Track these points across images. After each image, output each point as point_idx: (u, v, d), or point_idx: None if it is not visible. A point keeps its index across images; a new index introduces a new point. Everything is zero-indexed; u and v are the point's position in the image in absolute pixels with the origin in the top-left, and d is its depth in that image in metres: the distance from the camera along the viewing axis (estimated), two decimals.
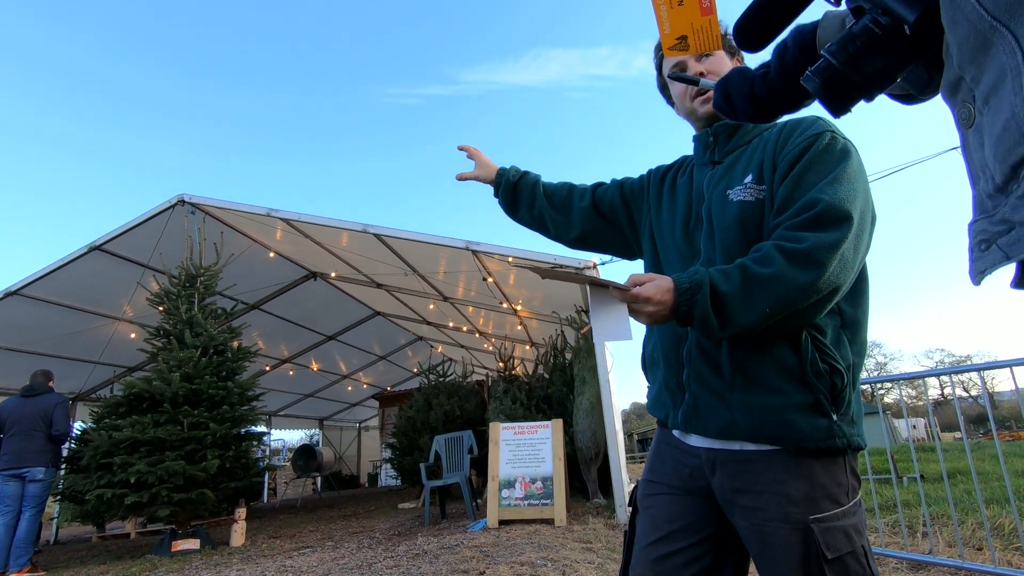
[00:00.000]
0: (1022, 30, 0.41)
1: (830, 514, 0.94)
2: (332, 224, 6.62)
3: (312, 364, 12.42)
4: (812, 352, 0.97)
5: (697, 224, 1.14)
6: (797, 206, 0.97)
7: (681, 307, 0.92)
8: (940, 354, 41.00)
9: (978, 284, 0.49)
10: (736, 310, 0.92)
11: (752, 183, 1.06)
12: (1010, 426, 28.92)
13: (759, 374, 0.98)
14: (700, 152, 1.23)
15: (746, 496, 0.99)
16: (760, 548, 0.97)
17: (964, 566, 2.78)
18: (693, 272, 0.95)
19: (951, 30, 0.48)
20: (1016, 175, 0.43)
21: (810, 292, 0.91)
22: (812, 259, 0.90)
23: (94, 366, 8.89)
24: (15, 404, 5.25)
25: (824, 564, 0.91)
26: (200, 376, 5.68)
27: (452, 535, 4.65)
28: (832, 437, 0.95)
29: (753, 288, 0.91)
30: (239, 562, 4.59)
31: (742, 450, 1.01)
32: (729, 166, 1.13)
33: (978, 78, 0.46)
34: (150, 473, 5.01)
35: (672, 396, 1.11)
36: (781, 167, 1.03)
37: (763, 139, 1.12)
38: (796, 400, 0.96)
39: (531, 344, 11.63)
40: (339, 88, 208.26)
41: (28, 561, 5.00)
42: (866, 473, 4.01)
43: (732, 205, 1.06)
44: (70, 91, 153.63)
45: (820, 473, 0.96)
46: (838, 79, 0.59)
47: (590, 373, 6.03)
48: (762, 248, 0.95)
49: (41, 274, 6.96)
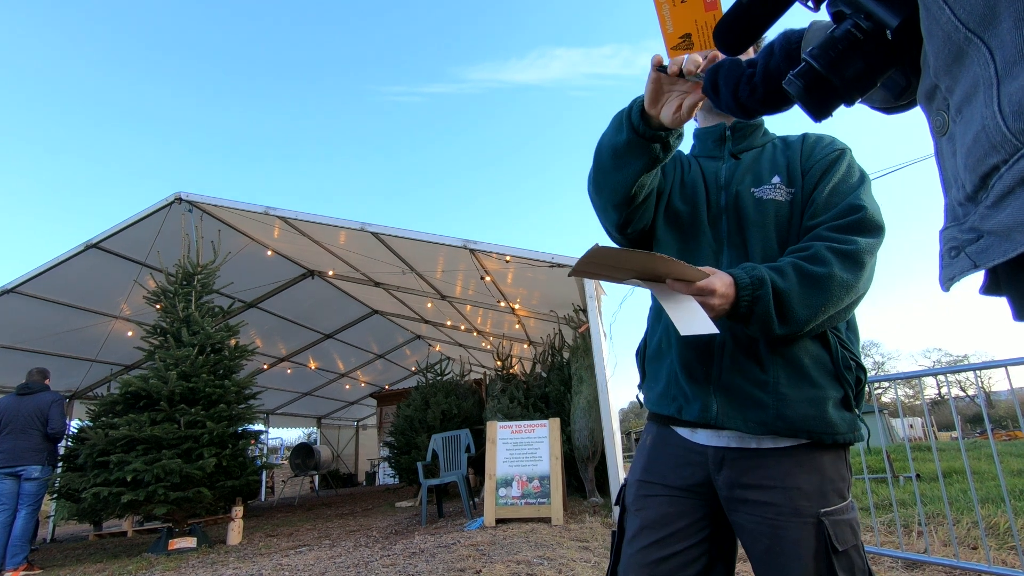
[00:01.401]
0: (995, 42, 0.41)
1: (838, 507, 0.97)
2: (330, 222, 6.61)
3: (310, 362, 12.41)
4: (839, 350, 1.02)
5: (718, 215, 1.14)
6: (839, 209, 1.02)
7: (742, 303, 0.93)
8: (937, 353, 41.06)
9: (947, 291, 0.50)
10: (795, 307, 0.94)
11: (781, 184, 1.10)
12: (1007, 425, 29.02)
13: (801, 368, 1.01)
14: (710, 145, 1.23)
15: (755, 491, 0.99)
16: (769, 543, 0.97)
17: (959, 565, 2.79)
18: (751, 268, 0.96)
19: (928, 39, 0.48)
20: (985, 185, 0.43)
21: (853, 292, 0.97)
22: (859, 261, 0.97)
23: (91, 364, 8.88)
24: (11, 402, 5.24)
25: (833, 557, 0.93)
26: (197, 374, 5.67)
27: (449, 534, 4.65)
28: (855, 430, 1.01)
29: (809, 286, 0.94)
30: (236, 560, 4.59)
31: (758, 448, 1.01)
32: (751, 163, 1.16)
33: (952, 88, 0.46)
34: (147, 471, 5.00)
35: (694, 388, 1.07)
36: (813, 172, 1.09)
37: (779, 146, 1.17)
38: (832, 395, 1.00)
39: (529, 343, 11.63)
40: (340, 86, 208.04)
41: (24, 559, 4.99)
42: (862, 472, 4.02)
43: (765, 203, 1.09)
44: (68, 90, 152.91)
45: (828, 467, 0.99)
46: (819, 83, 0.59)
47: (587, 372, 6.04)
48: (812, 247, 0.98)
49: (38, 272, 6.94)
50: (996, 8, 0.40)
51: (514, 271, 6.90)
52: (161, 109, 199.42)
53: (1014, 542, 2.74)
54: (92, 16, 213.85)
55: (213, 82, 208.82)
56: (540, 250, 5.84)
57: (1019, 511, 3.91)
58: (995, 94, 0.41)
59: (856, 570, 0.95)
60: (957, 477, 6.23)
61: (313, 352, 12.18)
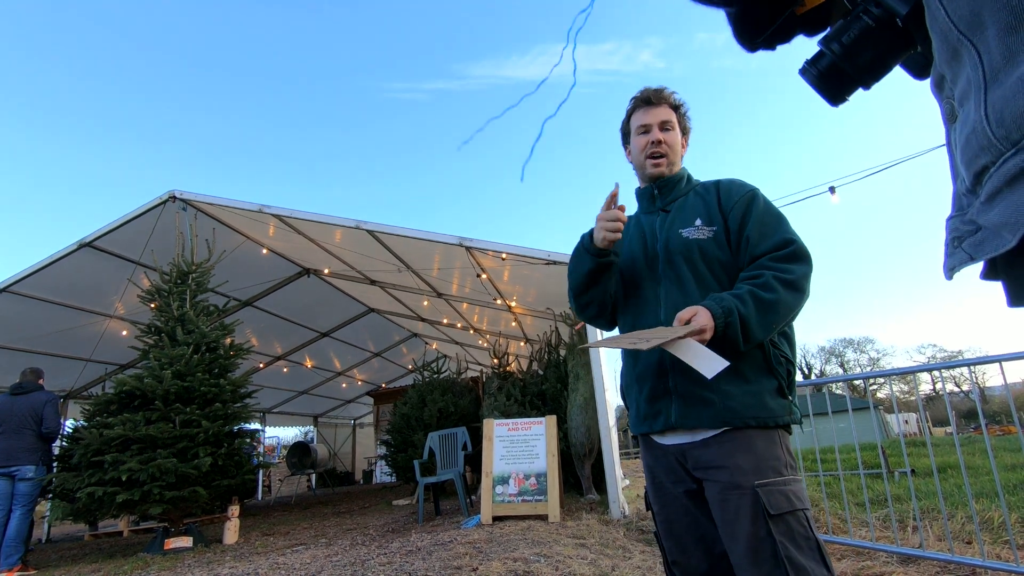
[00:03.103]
0: (983, 47, 0.42)
1: (772, 480, 1.18)
2: (325, 220, 6.58)
3: (306, 361, 12.38)
4: (771, 349, 1.29)
5: (655, 257, 1.44)
6: (776, 241, 1.30)
7: (717, 330, 1.18)
8: (932, 349, 41.25)
9: (950, 279, 0.52)
10: (754, 328, 1.20)
11: (702, 224, 1.39)
12: (1000, 420, 29.19)
13: (738, 369, 1.24)
14: (646, 203, 1.57)
15: (708, 471, 1.25)
16: (721, 512, 1.21)
17: (953, 559, 2.80)
18: (719, 299, 1.22)
19: (931, 34, 0.49)
20: (979, 181, 0.45)
21: (795, 310, 1.26)
22: (799, 286, 1.25)
23: (85, 364, 8.82)
24: (4, 402, 5.20)
25: (769, 520, 1.14)
26: (192, 373, 5.64)
27: (446, 531, 4.64)
28: (790, 413, 1.27)
29: (764, 311, 1.20)
30: (232, 560, 4.58)
31: (704, 439, 1.26)
32: (677, 212, 1.46)
33: (954, 80, 0.47)
34: (141, 471, 4.98)
35: (660, 402, 1.33)
36: (735, 213, 1.37)
37: (698, 193, 1.47)
38: (767, 386, 1.27)
39: (525, 340, 11.62)
40: (342, 83, 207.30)
41: (19, 559, 4.97)
42: (857, 468, 4.04)
43: (691, 242, 1.38)
44: (66, 88, 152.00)
45: (762, 449, 1.22)
46: (833, 70, 0.60)
47: (584, 369, 6.04)
48: (762, 276, 1.24)
49: (31, 271, 6.90)
50: (981, 15, 0.41)
51: (510, 268, 6.89)
52: (157, 108, 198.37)
53: (1008, 536, 2.75)
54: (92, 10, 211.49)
55: (210, 78, 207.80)
56: (536, 247, 5.83)
57: (1013, 506, 3.93)
58: (983, 98, 0.42)
59: (795, 534, 1.14)
60: (952, 472, 6.26)
61: (309, 350, 12.15)
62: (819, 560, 1.14)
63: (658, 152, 1.49)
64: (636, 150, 1.55)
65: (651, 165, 1.51)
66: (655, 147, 1.50)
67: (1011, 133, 0.40)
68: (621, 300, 1.53)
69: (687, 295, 1.34)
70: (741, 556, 1.16)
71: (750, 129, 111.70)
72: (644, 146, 1.51)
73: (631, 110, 1.57)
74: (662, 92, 1.53)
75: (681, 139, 1.54)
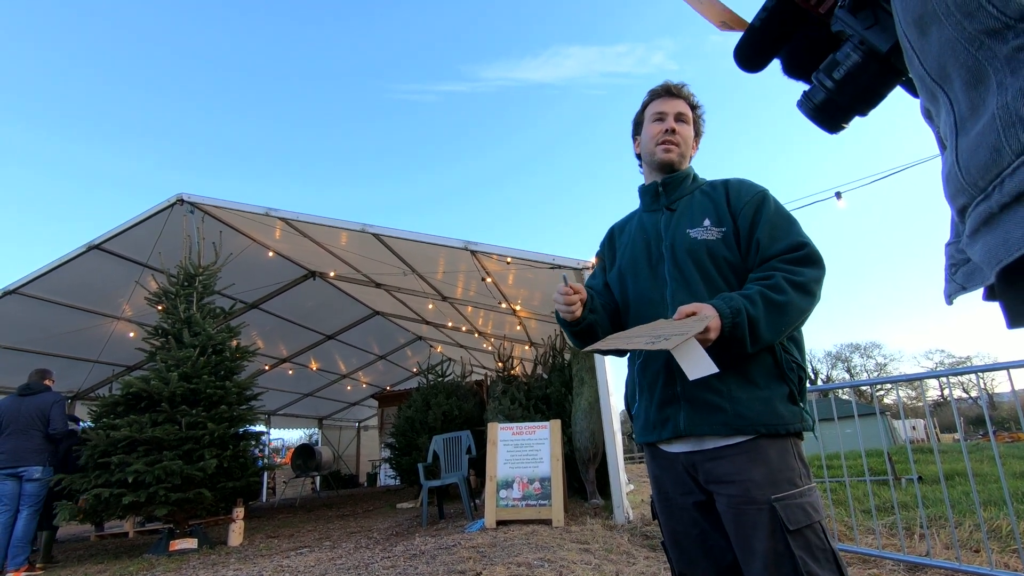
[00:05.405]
0: (953, 96, 0.45)
1: (789, 493, 1.14)
2: (331, 224, 6.61)
3: (311, 363, 12.41)
4: (782, 355, 1.24)
5: (660, 258, 1.39)
6: (788, 244, 1.25)
7: (725, 330, 1.14)
8: (940, 355, 41.00)
9: (950, 304, 0.54)
10: (763, 329, 1.16)
11: (711, 225, 1.34)
12: (1009, 427, 28.92)
13: (748, 375, 1.22)
14: (649, 201, 1.51)
15: (721, 485, 1.20)
16: (735, 526, 1.17)
17: (961, 568, 2.78)
18: (728, 298, 1.18)
19: (911, 75, 0.52)
20: (962, 217, 0.47)
21: (805, 313, 1.22)
22: (810, 289, 1.20)
23: (92, 365, 8.89)
24: (12, 403, 5.24)
25: (788, 535, 1.10)
26: (198, 375, 5.67)
27: (450, 535, 4.64)
28: (802, 420, 1.22)
29: (774, 311, 1.16)
30: (236, 562, 4.59)
31: (715, 447, 1.22)
32: (683, 210, 1.41)
33: (937, 116, 0.50)
34: (148, 472, 5.00)
35: (668, 408, 1.29)
36: (745, 213, 1.32)
37: (705, 192, 1.41)
38: (779, 392, 1.22)
39: (530, 344, 11.62)
40: (353, 84, 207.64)
41: (25, 560, 5.00)
42: (863, 474, 4.01)
43: (699, 242, 1.33)
44: (67, 87, 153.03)
45: (776, 460, 1.18)
46: (827, 102, 0.64)
47: (588, 373, 6.03)
48: (773, 277, 1.20)
49: (40, 273, 6.96)
50: (947, 69, 0.44)
51: (515, 272, 6.89)
52: (168, 109, 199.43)
53: (1016, 545, 2.72)
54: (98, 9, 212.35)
55: (216, 79, 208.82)
56: (541, 251, 5.83)
57: (1021, 514, 3.89)
58: (955, 144, 0.45)
59: (813, 547, 1.10)
60: (959, 479, 6.21)
61: (314, 353, 12.18)
62: (837, 571, 1.12)
63: (671, 140, 1.45)
64: (647, 137, 1.50)
65: (661, 151, 1.45)
66: (668, 135, 1.45)
67: (978, 181, 0.43)
68: (622, 308, 1.48)
69: (695, 296, 1.28)
70: (759, 572, 1.12)
71: (758, 132, 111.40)
72: (656, 133, 1.46)
73: (648, 100, 1.53)
74: (683, 87, 1.50)
75: (693, 139, 1.50)
